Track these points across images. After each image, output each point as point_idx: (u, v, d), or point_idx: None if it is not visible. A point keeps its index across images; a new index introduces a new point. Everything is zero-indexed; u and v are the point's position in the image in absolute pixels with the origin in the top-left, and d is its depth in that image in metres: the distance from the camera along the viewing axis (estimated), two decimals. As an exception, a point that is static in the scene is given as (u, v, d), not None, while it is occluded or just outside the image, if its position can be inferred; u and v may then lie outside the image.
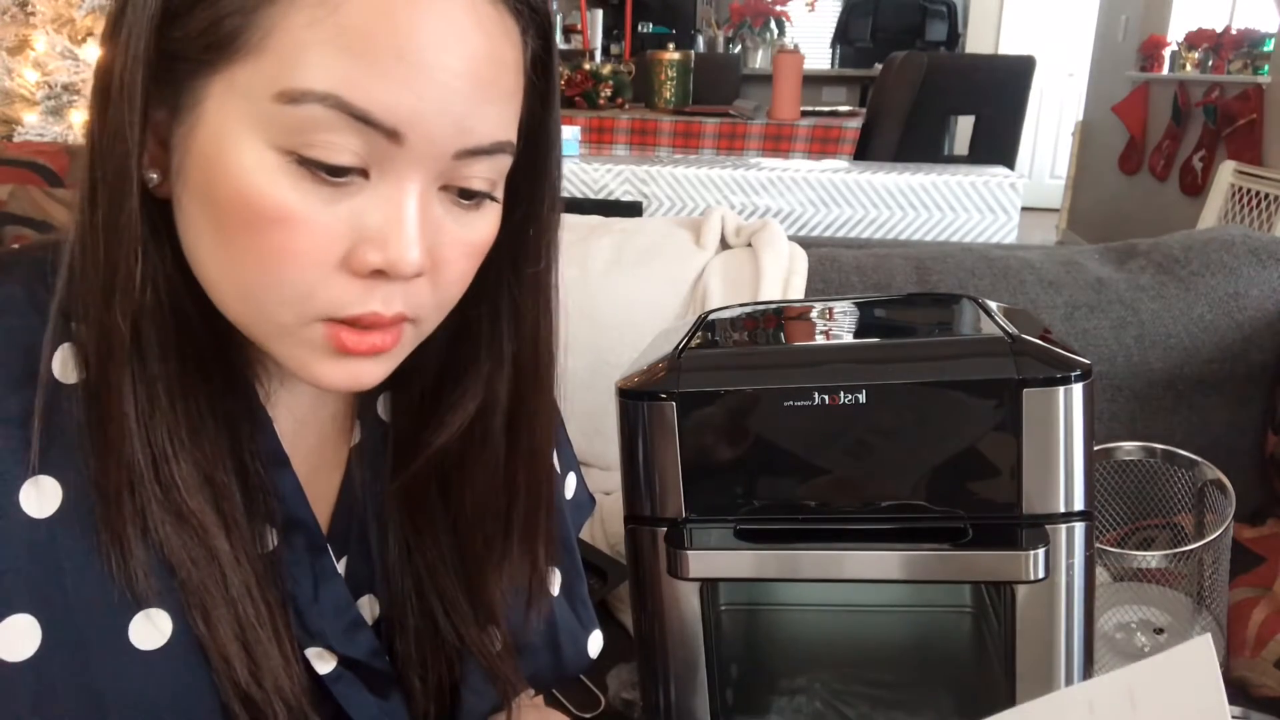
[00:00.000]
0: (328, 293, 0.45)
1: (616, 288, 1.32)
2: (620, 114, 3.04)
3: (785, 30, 4.56)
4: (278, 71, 0.42)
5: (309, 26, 0.41)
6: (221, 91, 0.43)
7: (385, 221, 0.44)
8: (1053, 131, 6.62)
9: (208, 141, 0.43)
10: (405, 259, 0.44)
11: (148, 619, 0.47)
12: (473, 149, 0.46)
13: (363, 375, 0.48)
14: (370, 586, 0.59)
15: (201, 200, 0.44)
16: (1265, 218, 2.94)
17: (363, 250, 0.44)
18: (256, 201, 0.43)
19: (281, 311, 0.45)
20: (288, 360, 0.47)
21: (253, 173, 0.43)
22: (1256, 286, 1.23)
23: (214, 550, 0.48)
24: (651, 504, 0.74)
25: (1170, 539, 1.06)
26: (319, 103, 0.42)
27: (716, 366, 0.75)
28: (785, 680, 0.90)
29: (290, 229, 0.43)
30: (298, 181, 0.43)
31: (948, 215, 2.09)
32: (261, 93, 0.42)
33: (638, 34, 6.07)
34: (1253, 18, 4.14)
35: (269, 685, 0.49)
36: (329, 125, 0.42)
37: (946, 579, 0.85)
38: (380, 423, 0.60)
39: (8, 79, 2.10)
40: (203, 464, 0.48)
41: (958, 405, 0.69)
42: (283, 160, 0.43)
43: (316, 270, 0.44)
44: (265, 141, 0.43)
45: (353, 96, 0.42)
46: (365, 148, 0.43)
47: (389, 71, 0.42)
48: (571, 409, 1.30)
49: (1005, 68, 3.74)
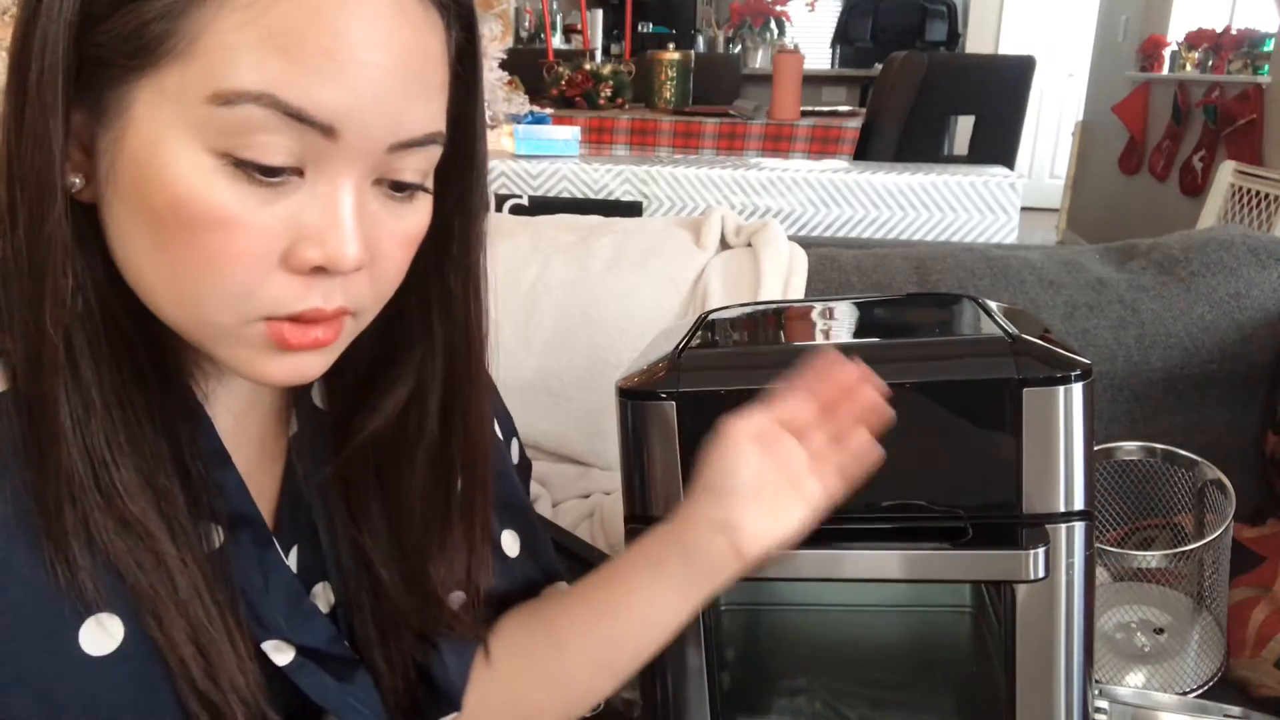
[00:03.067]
0: (268, 292, 0.45)
1: (616, 288, 1.32)
2: (620, 114, 3.04)
3: (785, 30, 4.56)
4: (209, 74, 0.42)
5: (240, 29, 0.42)
6: (150, 96, 0.43)
7: (323, 219, 0.45)
8: (1053, 131, 6.62)
9: (139, 147, 0.43)
10: (344, 254, 0.45)
11: (98, 625, 0.47)
12: (406, 141, 0.47)
13: (306, 369, 0.49)
14: (323, 573, 0.59)
15: (135, 206, 0.44)
16: (1265, 218, 2.94)
17: (301, 248, 0.45)
18: (193, 206, 0.43)
19: (222, 314, 0.45)
20: (230, 360, 0.48)
21: (188, 177, 0.43)
22: (1256, 286, 1.23)
23: (160, 554, 0.48)
24: (651, 504, 0.75)
25: (1170, 539, 1.06)
26: (253, 103, 0.42)
27: (716, 366, 0.75)
28: (785, 680, 0.90)
29: (228, 231, 0.43)
30: (234, 184, 0.43)
31: (948, 215, 2.09)
32: (194, 96, 0.42)
33: (638, 34, 6.07)
34: (1253, 18, 4.14)
35: (225, 684, 0.49)
36: (263, 125, 0.42)
37: (946, 579, 0.85)
38: (317, 411, 0.61)
39: (8, 79, 2.10)
40: (143, 469, 0.48)
41: (958, 405, 0.69)
42: (218, 163, 0.43)
43: (256, 271, 0.44)
44: (199, 145, 0.43)
45: (287, 95, 0.42)
46: (300, 146, 0.44)
47: (321, 69, 0.42)
48: (571, 409, 1.31)
49: (1005, 68, 3.73)
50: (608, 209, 2.11)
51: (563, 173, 2.18)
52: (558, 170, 2.18)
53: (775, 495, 0.62)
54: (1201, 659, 0.97)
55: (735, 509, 0.61)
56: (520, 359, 1.30)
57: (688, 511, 0.64)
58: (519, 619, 0.69)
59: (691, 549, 0.63)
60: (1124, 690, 0.90)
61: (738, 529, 0.61)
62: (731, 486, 0.62)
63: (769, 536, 0.62)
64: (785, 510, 0.62)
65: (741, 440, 0.62)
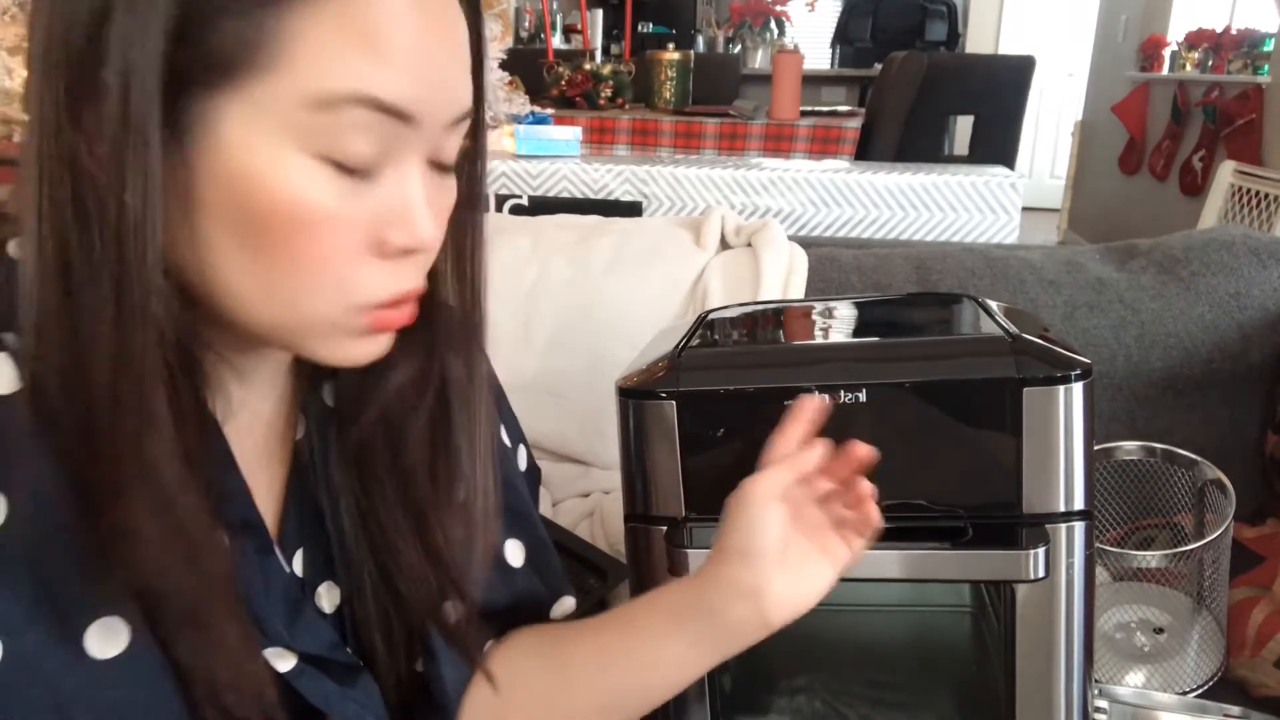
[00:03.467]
0: (365, 280, 0.48)
1: (616, 288, 1.32)
2: (621, 114, 3.04)
3: (785, 30, 4.55)
4: (305, 81, 0.43)
5: (329, 34, 0.43)
6: (240, 109, 0.43)
7: (404, 202, 0.48)
8: (1053, 131, 6.62)
9: (234, 160, 0.44)
10: (427, 234, 0.48)
11: (104, 627, 0.47)
12: (459, 117, 0.50)
13: (381, 348, 0.51)
14: (329, 573, 0.59)
15: (227, 219, 0.45)
16: (1265, 218, 2.94)
17: (388, 234, 0.47)
18: (298, 208, 0.45)
19: (324, 308, 0.47)
20: (319, 349, 0.50)
21: (290, 181, 0.44)
22: (1256, 286, 1.23)
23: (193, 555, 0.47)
24: (651, 503, 0.75)
25: (1170, 539, 1.06)
26: (352, 104, 0.44)
27: (716, 366, 0.75)
28: (785, 680, 0.90)
29: (329, 228, 0.46)
30: (331, 182, 0.45)
31: (948, 215, 2.09)
32: (288, 104, 0.43)
33: (638, 34, 6.07)
34: (1253, 18, 4.14)
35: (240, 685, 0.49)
36: (359, 123, 0.45)
37: (946, 578, 0.85)
38: (328, 410, 0.61)
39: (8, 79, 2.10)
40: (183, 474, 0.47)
41: (958, 405, 0.69)
42: (316, 164, 0.45)
43: (353, 263, 0.47)
44: (296, 149, 0.44)
45: (381, 93, 0.45)
46: (386, 138, 0.46)
47: (405, 64, 0.45)
48: (571, 409, 1.31)
49: (1005, 68, 3.73)
50: (608, 209, 2.11)
51: (563, 173, 2.18)
52: (558, 170, 2.18)
53: (801, 560, 0.61)
54: (1201, 659, 0.97)
55: (762, 574, 0.60)
56: (520, 359, 1.30)
57: (713, 572, 0.62)
58: (529, 645, 0.69)
59: (716, 612, 0.62)
60: (1124, 690, 0.90)
61: (765, 596, 0.60)
62: (758, 550, 0.60)
63: (796, 603, 0.61)
64: (812, 575, 0.61)
65: (765, 500, 0.61)
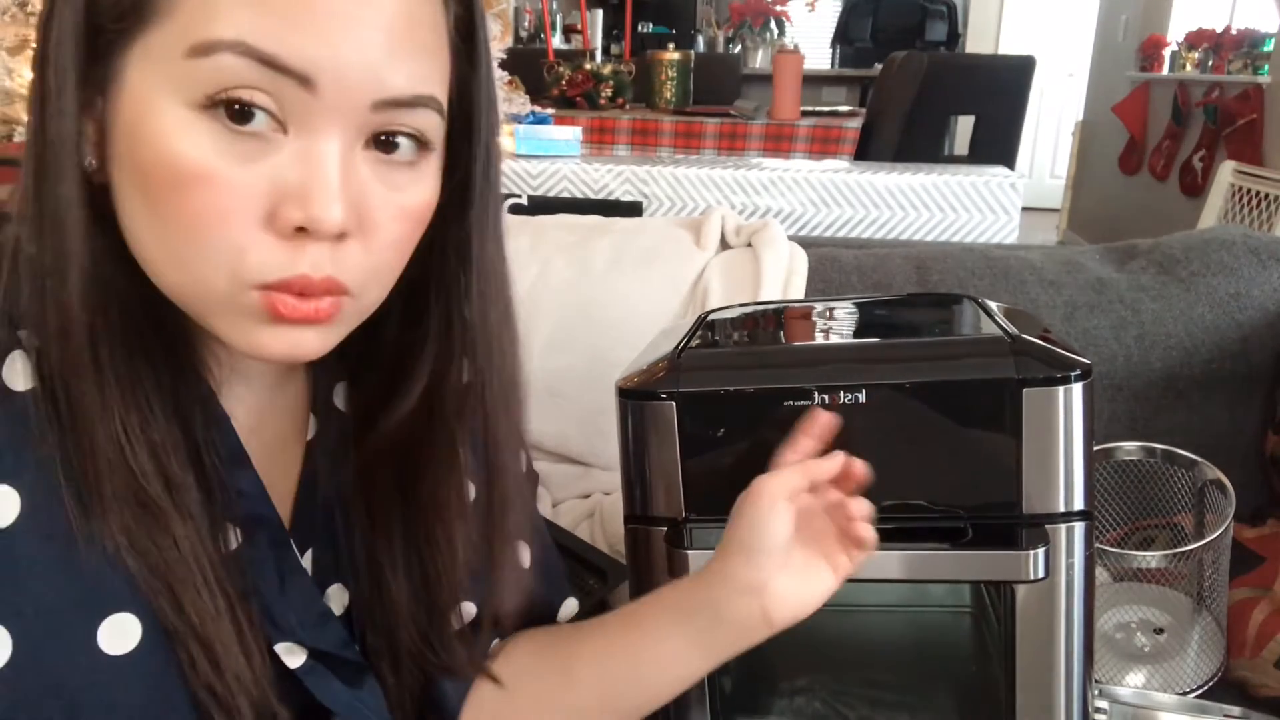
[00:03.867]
0: (256, 255, 0.44)
1: (616, 288, 1.32)
2: (621, 114, 3.04)
3: (785, 30, 4.55)
4: (188, 28, 0.42)
5: None
6: (139, 59, 0.44)
7: (305, 177, 0.44)
8: (1053, 131, 6.62)
9: (129, 110, 0.44)
10: (326, 215, 0.44)
11: (116, 624, 0.47)
12: (390, 100, 0.46)
13: (303, 344, 0.47)
14: (338, 575, 0.59)
15: (129, 172, 0.45)
16: (1265, 218, 2.94)
17: (284, 208, 0.44)
18: (176, 161, 0.43)
19: (215, 278, 0.45)
20: (228, 332, 0.47)
21: (171, 134, 0.43)
22: (1256, 286, 1.23)
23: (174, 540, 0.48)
24: (651, 504, 0.75)
25: (1170, 539, 1.06)
26: (228, 51, 0.42)
27: (716, 366, 0.75)
28: (785, 680, 0.90)
29: (211, 187, 0.43)
30: (214, 138, 0.43)
31: (948, 215, 2.09)
32: (174, 51, 0.43)
33: (638, 34, 6.07)
34: (1253, 18, 4.14)
35: (230, 679, 0.49)
36: (241, 75, 0.42)
37: (946, 579, 0.85)
38: (339, 414, 0.61)
39: (8, 79, 2.10)
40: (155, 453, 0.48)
41: (958, 405, 0.69)
42: (198, 116, 0.43)
43: (241, 230, 0.44)
44: (181, 100, 0.43)
45: (262, 43, 0.42)
46: (279, 98, 0.43)
47: (297, 18, 0.42)
48: (571, 409, 1.30)
49: (1005, 68, 3.73)
50: (608, 209, 2.11)
51: (563, 173, 2.18)
52: (558, 170, 2.18)
53: (806, 564, 0.62)
54: (1201, 659, 0.97)
55: (765, 571, 0.60)
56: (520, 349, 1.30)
57: (718, 567, 0.63)
58: (533, 645, 0.69)
59: (719, 608, 0.62)
60: (1124, 690, 0.90)
61: (767, 593, 0.60)
62: (762, 547, 0.60)
63: (798, 605, 0.61)
64: (815, 580, 0.62)
65: (773, 500, 0.61)
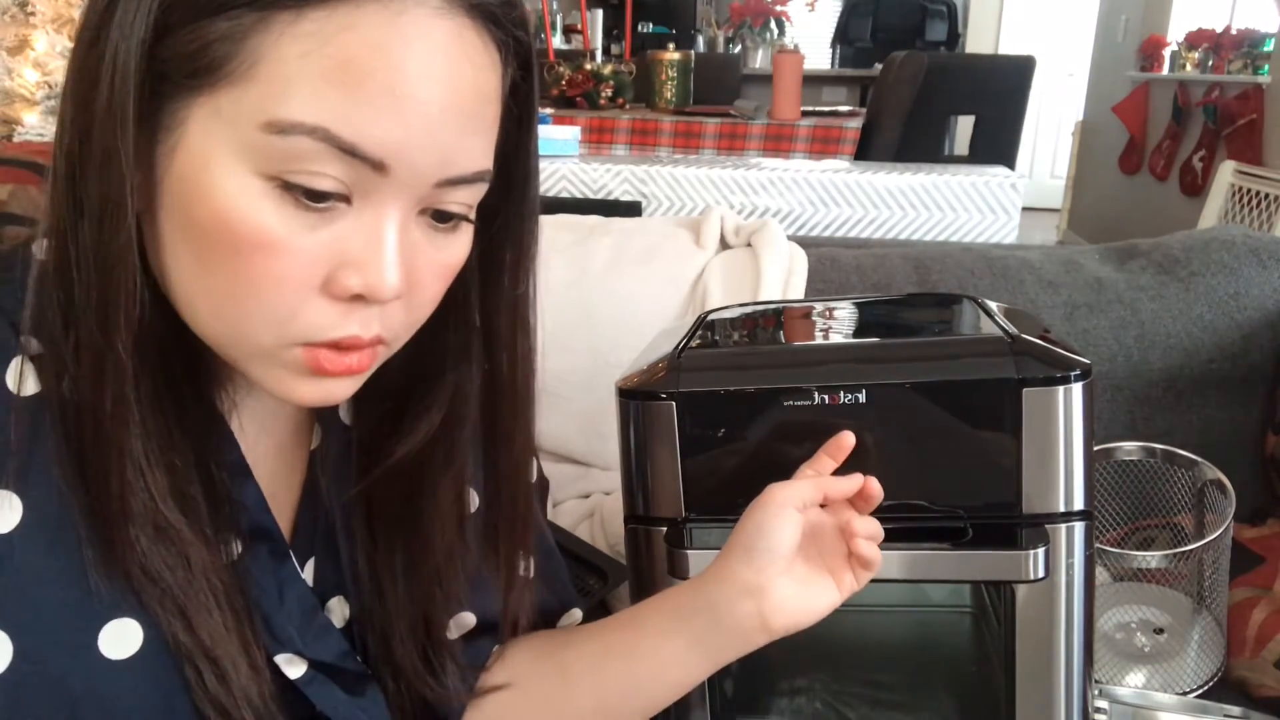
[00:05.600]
0: (307, 317, 0.45)
1: (616, 288, 1.32)
2: (621, 114, 3.04)
3: (785, 30, 4.55)
4: (266, 101, 0.42)
5: (300, 58, 0.42)
6: (205, 115, 0.43)
7: (366, 247, 0.45)
8: (1053, 131, 6.62)
9: (189, 164, 0.43)
10: (385, 285, 0.45)
11: (118, 629, 0.47)
12: (455, 179, 0.47)
13: (335, 393, 0.49)
14: (340, 588, 0.60)
15: (180, 221, 0.44)
16: (1265, 218, 2.94)
17: (343, 275, 0.45)
18: (239, 226, 0.43)
19: (261, 334, 0.46)
20: (262, 379, 0.48)
21: (236, 198, 0.43)
22: (1256, 286, 1.23)
23: (189, 560, 0.48)
24: (651, 504, 0.74)
25: (1170, 539, 1.06)
26: (307, 135, 0.42)
27: (716, 366, 0.75)
28: (785, 680, 0.90)
29: (272, 254, 0.43)
30: (280, 208, 0.43)
31: (948, 215, 2.09)
32: (248, 120, 0.42)
33: (638, 34, 6.07)
34: (1253, 18, 4.14)
35: (238, 692, 0.50)
36: (315, 156, 0.42)
37: (946, 579, 0.85)
38: (344, 427, 0.61)
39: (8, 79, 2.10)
40: (173, 475, 0.48)
41: (958, 405, 0.69)
42: (266, 186, 0.43)
43: (297, 294, 0.45)
44: (249, 168, 0.43)
45: (341, 130, 0.42)
46: (349, 176, 0.44)
47: (378, 105, 0.42)
48: (571, 409, 1.30)
49: (1005, 68, 3.73)
50: (607, 209, 2.11)
51: (562, 173, 2.18)
52: (557, 170, 2.18)
53: (810, 576, 0.62)
54: (1201, 659, 0.97)
55: (765, 574, 0.60)
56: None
57: (720, 568, 0.63)
58: (533, 648, 0.69)
59: (717, 609, 0.62)
60: (1124, 690, 0.90)
61: (766, 596, 0.60)
62: (766, 549, 0.60)
63: (797, 613, 0.61)
64: (817, 593, 0.61)
65: (785, 506, 0.61)
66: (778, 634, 0.61)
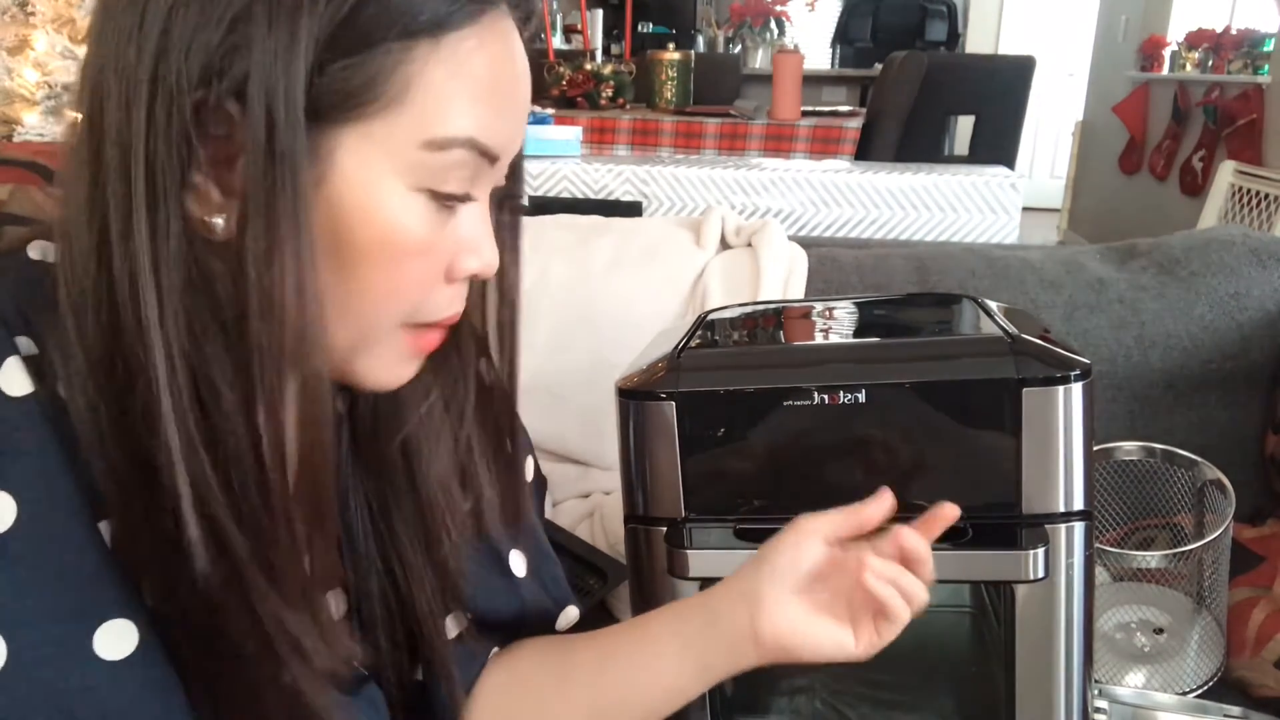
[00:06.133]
0: (433, 301, 0.51)
1: (616, 288, 1.32)
2: (621, 114, 3.04)
3: (785, 30, 4.55)
4: (423, 122, 0.46)
5: (448, 80, 0.46)
6: (356, 143, 0.45)
7: (478, 232, 0.51)
8: (1053, 131, 6.62)
9: (346, 193, 0.46)
10: (494, 260, 0.52)
11: (112, 629, 0.47)
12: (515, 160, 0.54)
13: (413, 371, 0.54)
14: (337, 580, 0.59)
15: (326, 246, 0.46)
16: (1265, 218, 2.94)
17: (462, 260, 0.51)
18: (403, 240, 0.47)
19: (383, 325, 0.50)
20: (368, 369, 0.51)
21: (400, 215, 0.47)
22: (1256, 286, 1.23)
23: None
24: (651, 504, 0.75)
25: (1170, 539, 1.06)
26: (462, 147, 0.47)
27: (716, 366, 0.75)
28: (785, 680, 0.90)
29: (423, 257, 0.49)
30: (430, 214, 0.48)
31: (948, 215, 2.09)
32: (405, 141, 0.46)
33: (638, 34, 6.07)
34: (1253, 18, 4.14)
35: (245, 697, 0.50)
36: (465, 163, 0.48)
37: (946, 579, 0.84)
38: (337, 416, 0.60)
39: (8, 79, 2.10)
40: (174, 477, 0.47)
41: (958, 405, 0.69)
42: (421, 198, 0.47)
43: (432, 285, 0.50)
44: (407, 184, 0.47)
45: (486, 138, 0.48)
46: (476, 174, 0.49)
47: (507, 111, 0.49)
48: (571, 409, 1.30)
49: (1005, 68, 3.73)
50: (608, 209, 2.11)
51: (563, 173, 2.18)
52: (558, 170, 2.18)
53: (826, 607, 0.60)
54: (1201, 659, 0.97)
55: (768, 584, 0.60)
56: (520, 359, 1.30)
57: (729, 578, 0.63)
58: (535, 651, 0.69)
59: (715, 613, 0.62)
60: (1124, 690, 0.90)
61: (761, 605, 0.60)
62: (775, 565, 0.60)
63: (790, 634, 0.60)
64: (824, 626, 0.60)
65: (809, 534, 0.61)
66: (767, 649, 0.60)
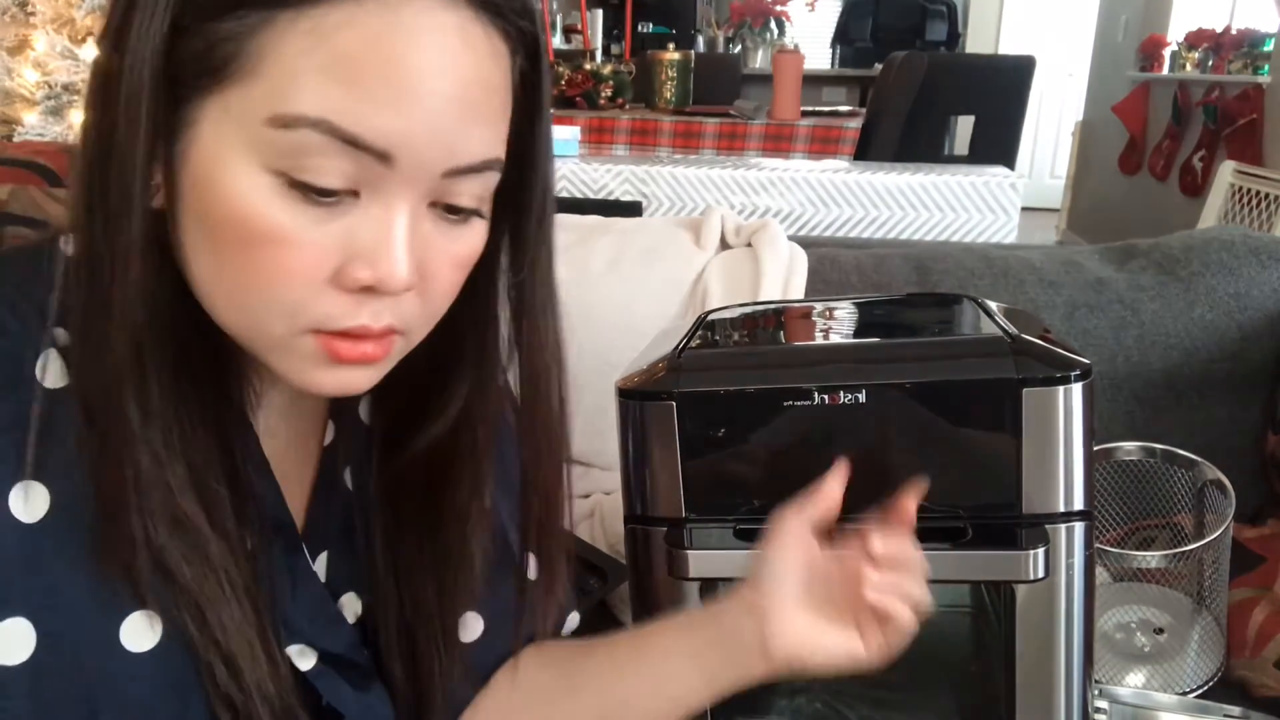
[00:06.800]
0: (318, 307, 0.46)
1: (616, 288, 1.32)
2: (621, 114, 3.04)
3: (785, 30, 4.55)
4: (270, 97, 0.43)
5: (303, 54, 0.42)
6: (215, 114, 0.44)
7: (375, 240, 0.45)
8: (1053, 131, 6.62)
9: (201, 162, 0.44)
10: (394, 276, 0.46)
11: (139, 621, 0.48)
12: (461, 168, 0.47)
13: (354, 382, 0.49)
14: (353, 584, 0.60)
15: (196, 217, 0.45)
16: (1265, 218, 2.94)
17: (353, 268, 0.45)
18: (250, 222, 0.44)
19: (273, 324, 0.46)
20: (282, 369, 0.48)
21: (246, 194, 0.44)
22: (1256, 286, 1.23)
23: (207, 554, 0.49)
24: (651, 504, 0.75)
25: (1170, 539, 1.06)
26: (310, 128, 0.43)
27: (716, 366, 0.75)
28: (785, 680, 0.90)
29: (282, 248, 0.44)
30: (289, 203, 0.44)
31: (948, 215, 2.09)
32: (254, 117, 0.43)
33: (638, 34, 6.07)
34: (1253, 18, 4.14)
35: (251, 686, 0.50)
36: (320, 149, 0.43)
37: (946, 579, 0.84)
38: (361, 424, 0.61)
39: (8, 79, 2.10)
40: (195, 469, 0.48)
41: (958, 405, 0.69)
42: (275, 182, 0.44)
43: (306, 286, 0.45)
44: (258, 164, 0.44)
45: (343, 121, 0.43)
46: (356, 169, 0.44)
47: (379, 97, 0.43)
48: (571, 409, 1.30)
49: (1005, 68, 3.73)
50: (608, 209, 2.11)
51: (562, 173, 2.18)
52: (558, 170, 2.17)
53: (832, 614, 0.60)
54: (1201, 659, 0.97)
55: (770, 596, 0.60)
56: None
57: (736, 589, 0.63)
58: (544, 657, 0.69)
59: (723, 623, 0.62)
60: (1124, 690, 0.90)
61: (769, 618, 0.60)
62: (770, 574, 0.60)
63: (799, 646, 0.60)
64: (831, 633, 0.60)
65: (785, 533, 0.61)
66: (776, 661, 0.60)
